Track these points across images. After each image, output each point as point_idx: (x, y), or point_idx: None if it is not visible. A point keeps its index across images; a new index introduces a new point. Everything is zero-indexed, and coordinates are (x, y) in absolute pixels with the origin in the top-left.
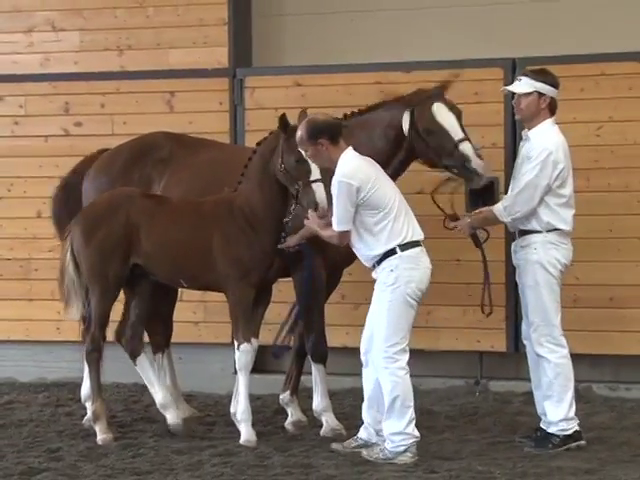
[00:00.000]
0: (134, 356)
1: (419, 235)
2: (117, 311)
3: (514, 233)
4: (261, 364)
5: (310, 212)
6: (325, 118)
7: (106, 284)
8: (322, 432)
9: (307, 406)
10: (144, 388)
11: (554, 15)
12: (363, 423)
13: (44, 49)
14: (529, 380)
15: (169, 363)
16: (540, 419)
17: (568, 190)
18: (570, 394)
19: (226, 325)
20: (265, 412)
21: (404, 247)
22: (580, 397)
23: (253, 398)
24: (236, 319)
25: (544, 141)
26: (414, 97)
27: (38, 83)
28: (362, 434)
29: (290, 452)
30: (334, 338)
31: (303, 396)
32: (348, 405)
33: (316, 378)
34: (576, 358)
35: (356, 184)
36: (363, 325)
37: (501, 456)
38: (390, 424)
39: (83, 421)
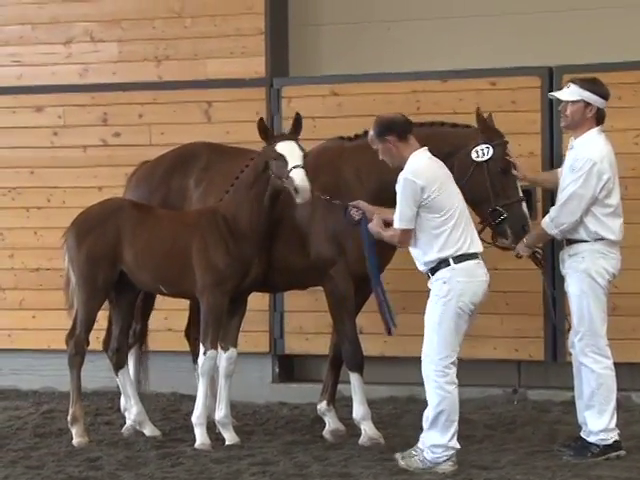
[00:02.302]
0: (118, 368)
1: (477, 247)
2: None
3: (562, 242)
4: (299, 374)
5: (375, 215)
6: (393, 116)
7: (94, 289)
8: (360, 441)
9: (345, 415)
10: (183, 397)
11: (591, 23)
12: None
13: (83, 60)
14: (568, 389)
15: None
16: (580, 428)
17: (615, 200)
18: (612, 405)
19: (264, 334)
20: (303, 421)
21: (458, 259)
22: (619, 406)
23: (291, 407)
24: (206, 325)
25: (589, 151)
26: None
27: (77, 94)
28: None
29: (328, 461)
30: (372, 347)
31: (341, 405)
32: (387, 414)
33: (354, 387)
34: (615, 366)
35: (421, 183)
36: (400, 334)
37: (540, 465)
38: (432, 436)
39: (122, 430)
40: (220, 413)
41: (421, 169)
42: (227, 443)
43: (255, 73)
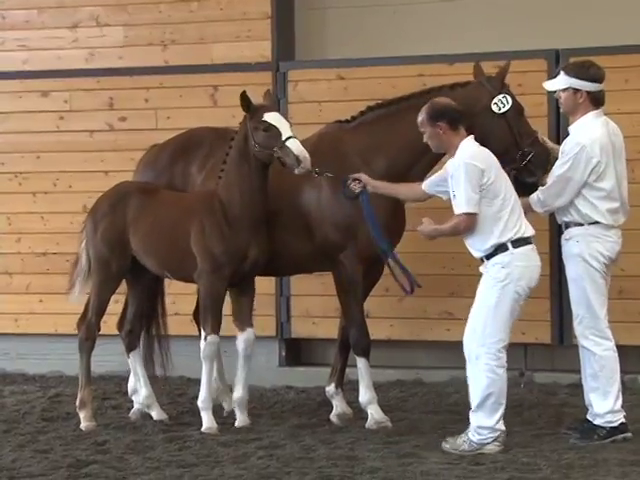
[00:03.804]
0: (129, 350)
1: (531, 231)
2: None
3: (561, 226)
4: (306, 358)
5: (425, 219)
6: (448, 102)
7: (107, 274)
8: (367, 424)
9: (352, 398)
10: (190, 381)
11: (598, 5)
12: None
13: (88, 44)
14: (574, 372)
15: (217, 356)
16: (587, 410)
17: (608, 184)
18: (616, 386)
19: (270, 318)
20: (310, 404)
21: (516, 243)
22: (626, 389)
23: (298, 390)
24: (205, 311)
25: (579, 136)
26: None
27: (83, 78)
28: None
29: (335, 444)
30: (379, 331)
31: (348, 389)
32: (393, 397)
33: (361, 371)
34: (622, 349)
35: (481, 166)
36: (407, 317)
37: (546, 448)
38: (479, 418)
39: (130, 414)
40: (237, 394)
41: (477, 153)
42: (237, 424)
43: (261, 57)
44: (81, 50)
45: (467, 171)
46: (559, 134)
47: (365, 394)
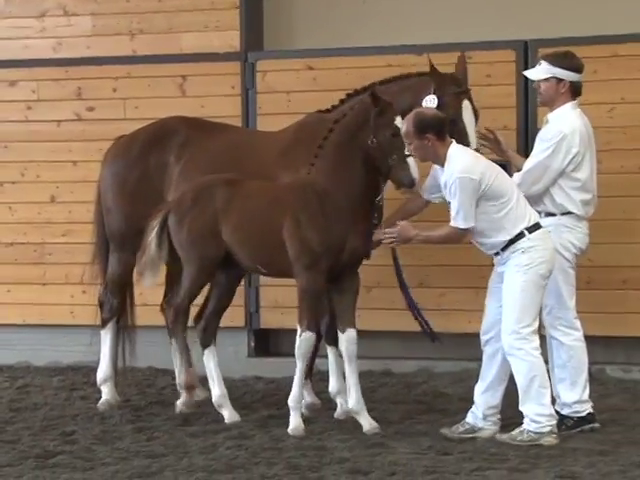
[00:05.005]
0: (203, 346)
1: (537, 217)
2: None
3: None
4: (274, 348)
5: (402, 222)
6: (434, 113)
7: (201, 265)
8: (336, 415)
9: (320, 389)
10: (158, 372)
11: None
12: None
13: (56, 34)
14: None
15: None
16: (554, 401)
17: (584, 174)
18: (584, 377)
19: (239, 309)
20: (279, 395)
21: (531, 229)
22: (593, 379)
23: (267, 381)
24: (302, 306)
25: (560, 124)
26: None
27: (50, 68)
28: (469, 418)
29: (304, 435)
30: None
31: (317, 379)
32: (362, 388)
33: (331, 360)
34: (589, 340)
35: (477, 178)
36: (376, 308)
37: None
38: (530, 407)
39: (98, 404)
40: (351, 401)
41: (470, 164)
42: (367, 429)
43: (230, 47)
44: (49, 40)
45: (462, 186)
46: (527, 125)
47: (335, 384)
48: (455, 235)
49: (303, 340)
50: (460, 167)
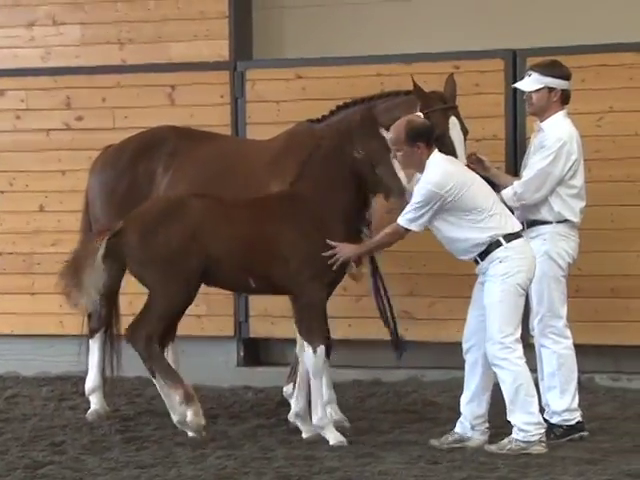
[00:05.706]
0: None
1: (518, 227)
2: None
3: (523, 223)
4: (264, 358)
5: (340, 244)
6: (424, 122)
7: (186, 279)
8: None
9: (310, 398)
10: (147, 381)
11: (555, 6)
12: (459, 417)
13: (45, 43)
14: (531, 371)
15: (174, 356)
16: (544, 410)
17: (579, 181)
18: (573, 385)
19: (229, 318)
20: (268, 404)
21: (508, 238)
22: (582, 388)
23: (256, 391)
24: (309, 321)
25: (558, 132)
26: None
27: (39, 77)
28: (457, 428)
29: (293, 444)
30: (336, 330)
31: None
32: (351, 397)
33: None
34: (578, 349)
35: (444, 193)
36: (365, 317)
37: None
38: (518, 417)
39: (86, 415)
40: (315, 417)
41: (444, 178)
42: (333, 443)
43: (219, 56)
44: (38, 49)
45: (427, 195)
46: (516, 134)
47: (324, 394)
48: (397, 233)
49: (318, 357)
50: (431, 178)
